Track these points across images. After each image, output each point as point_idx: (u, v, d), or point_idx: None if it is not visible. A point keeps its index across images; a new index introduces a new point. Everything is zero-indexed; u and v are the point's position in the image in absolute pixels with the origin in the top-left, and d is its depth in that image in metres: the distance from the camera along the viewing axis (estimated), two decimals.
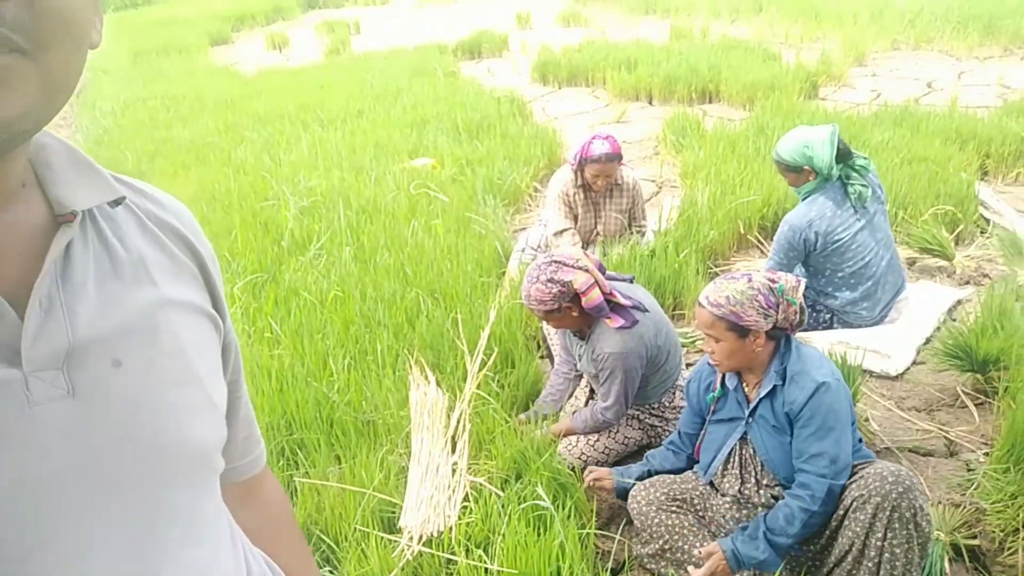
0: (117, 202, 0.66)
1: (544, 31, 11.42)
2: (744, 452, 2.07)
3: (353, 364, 2.84)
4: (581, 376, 2.78)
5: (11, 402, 0.54)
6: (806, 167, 3.00)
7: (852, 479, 1.90)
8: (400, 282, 3.40)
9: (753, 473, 2.06)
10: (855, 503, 1.84)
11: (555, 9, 12.88)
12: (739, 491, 2.08)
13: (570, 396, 2.79)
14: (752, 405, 2.02)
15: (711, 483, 2.17)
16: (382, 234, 3.92)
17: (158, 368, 0.63)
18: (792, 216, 3.04)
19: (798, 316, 1.97)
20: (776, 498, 2.02)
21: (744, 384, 2.07)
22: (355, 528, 2.11)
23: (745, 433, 2.05)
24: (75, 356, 0.58)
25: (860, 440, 2.05)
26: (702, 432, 2.19)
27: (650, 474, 2.26)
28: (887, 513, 1.78)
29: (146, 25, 13.95)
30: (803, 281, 2.01)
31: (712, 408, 2.13)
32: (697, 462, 2.22)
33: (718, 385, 2.11)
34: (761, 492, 2.05)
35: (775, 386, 1.96)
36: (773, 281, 1.96)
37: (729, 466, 2.10)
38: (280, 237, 3.97)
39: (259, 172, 5.10)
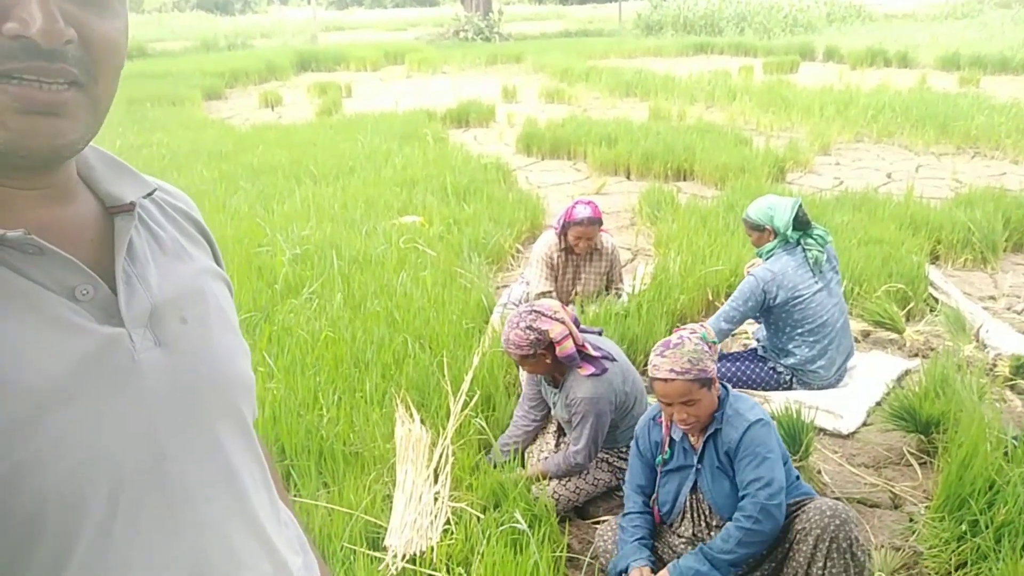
0: (148, 194, 0.80)
1: (529, 105, 11.93)
2: (695, 497, 2.25)
3: (342, 400, 3.00)
4: (545, 425, 2.97)
5: (124, 353, 0.70)
6: (767, 227, 3.36)
7: (796, 514, 2.10)
8: (389, 327, 3.59)
9: (703, 517, 2.25)
10: (798, 535, 2.04)
11: (540, 85, 13.46)
12: (693, 533, 2.26)
13: (533, 442, 2.96)
14: (699, 451, 2.20)
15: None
16: (372, 283, 4.12)
17: (210, 322, 0.81)
18: (757, 270, 3.36)
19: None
20: None
21: (689, 434, 2.25)
22: (342, 546, 2.25)
23: (696, 481, 2.23)
24: (155, 316, 0.74)
25: (798, 477, 2.26)
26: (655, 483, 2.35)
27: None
28: (826, 544, 1.99)
29: (141, 76, 14.26)
30: (706, 327, 2.28)
31: (663, 463, 2.30)
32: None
33: (666, 448, 2.27)
34: (712, 534, 2.22)
35: (716, 429, 2.16)
36: (695, 332, 2.19)
37: (684, 511, 2.28)
38: (274, 281, 4.15)
39: (253, 220, 5.30)
